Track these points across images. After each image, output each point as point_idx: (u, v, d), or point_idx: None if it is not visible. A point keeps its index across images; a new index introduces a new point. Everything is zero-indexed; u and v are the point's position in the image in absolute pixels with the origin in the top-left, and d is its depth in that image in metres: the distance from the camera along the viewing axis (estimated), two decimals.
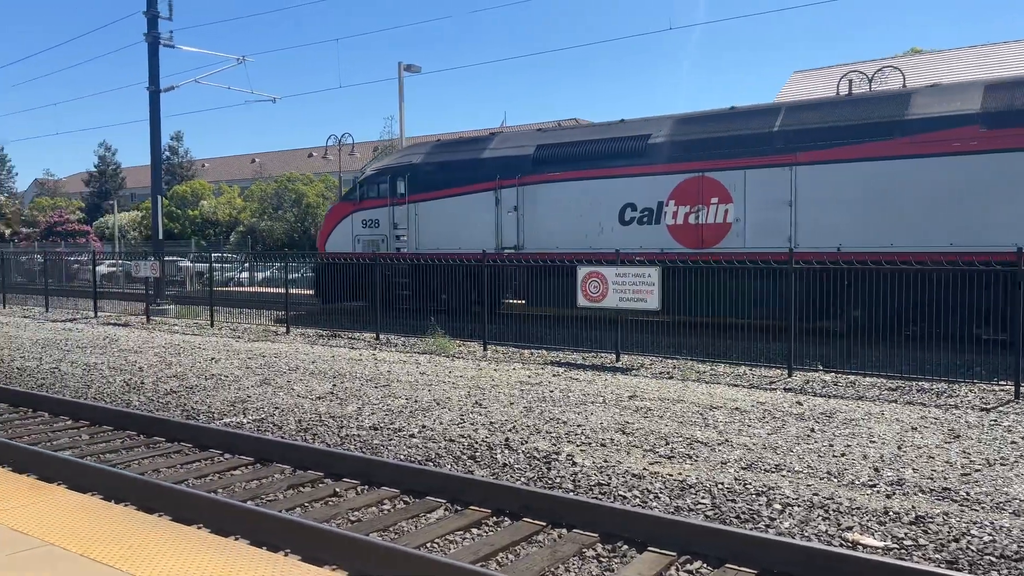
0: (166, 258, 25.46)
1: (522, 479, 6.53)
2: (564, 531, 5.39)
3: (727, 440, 7.53)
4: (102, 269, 27.75)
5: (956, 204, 12.46)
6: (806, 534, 5.23)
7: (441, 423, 8.42)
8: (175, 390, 10.57)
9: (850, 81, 15.94)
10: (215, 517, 5.56)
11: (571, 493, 6.08)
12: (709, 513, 5.66)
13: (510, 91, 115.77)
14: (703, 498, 5.93)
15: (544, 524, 5.49)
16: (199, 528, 5.33)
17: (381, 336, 15.77)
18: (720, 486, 6.16)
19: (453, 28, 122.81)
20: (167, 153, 61.51)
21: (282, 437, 7.97)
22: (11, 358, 13.74)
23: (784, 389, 10.19)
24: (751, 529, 5.26)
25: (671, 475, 6.45)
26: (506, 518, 5.68)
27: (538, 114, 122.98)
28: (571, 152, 16.74)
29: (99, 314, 21.80)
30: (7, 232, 50.14)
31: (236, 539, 5.13)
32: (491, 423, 8.36)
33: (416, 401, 9.57)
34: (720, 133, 14.97)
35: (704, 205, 14.79)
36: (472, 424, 8.34)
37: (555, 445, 7.46)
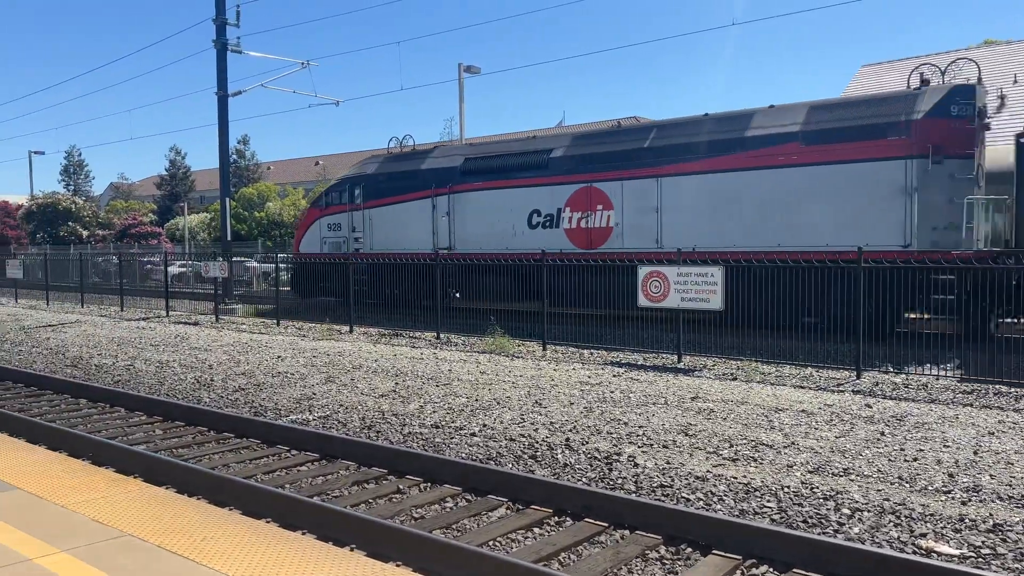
0: (234, 259, 26.16)
1: (583, 479, 6.52)
2: (627, 532, 5.36)
3: (793, 443, 7.38)
4: (173, 270, 28.82)
5: (783, 210, 14.44)
6: (877, 540, 5.09)
7: (502, 422, 8.45)
8: (243, 387, 10.86)
9: (921, 74, 15.39)
10: (283, 512, 5.69)
11: (633, 494, 6.04)
12: (775, 517, 5.55)
13: (570, 90, 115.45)
14: (769, 501, 5.82)
15: (606, 525, 5.47)
16: (268, 522, 5.47)
17: (441, 335, 15.92)
18: (786, 489, 6.04)
19: (513, 29, 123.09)
20: (234, 156, 63.06)
21: (346, 434, 8.11)
22: (90, 355, 14.31)
23: (852, 391, 9.93)
24: (819, 534, 5.15)
25: (735, 478, 6.35)
26: (568, 518, 5.67)
27: (598, 112, 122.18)
28: (491, 164, 19.01)
29: (170, 313, 22.54)
30: (85, 234, 52.18)
31: (303, 533, 5.25)
32: (551, 423, 8.36)
33: (477, 400, 9.63)
34: (605, 149, 17.18)
35: (592, 211, 17.03)
36: (532, 424, 8.36)
37: (616, 446, 7.42)
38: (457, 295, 19.32)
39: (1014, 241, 13.54)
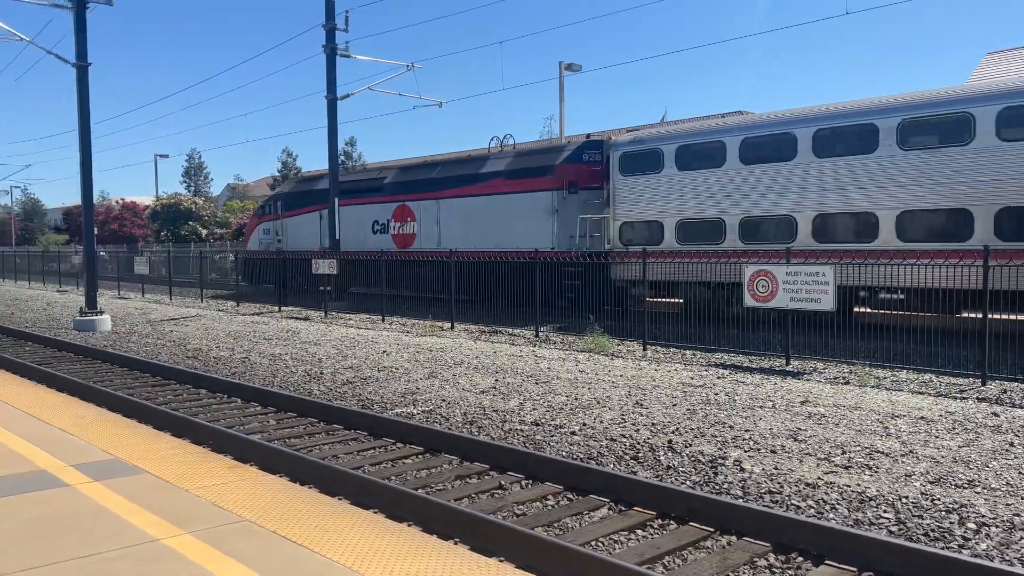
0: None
1: (687, 483, 6.39)
2: (734, 538, 5.22)
3: (911, 451, 7.01)
4: None
5: (499, 223, 21.05)
6: (1007, 558, 4.78)
7: (602, 422, 8.40)
8: (351, 381, 11.20)
9: None
10: (389, 503, 5.84)
11: (740, 500, 5.88)
12: (893, 528, 5.29)
13: (673, 85, 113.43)
14: (885, 512, 5.56)
15: (712, 530, 5.34)
16: (375, 512, 5.60)
17: (540, 333, 15.95)
18: (904, 500, 5.75)
19: (614, 26, 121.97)
20: (342, 158, 64.95)
21: (449, 428, 8.24)
22: (208, 348, 15.08)
23: (977, 399, 9.36)
24: (942, 548, 4.87)
25: (848, 486, 6.09)
26: (671, 521, 5.57)
27: (701, 107, 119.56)
28: (352, 187, 26.17)
29: (282, 308, 23.49)
30: (204, 233, 54.98)
31: (408, 525, 5.36)
32: (653, 424, 8.24)
33: (576, 399, 9.60)
34: (414, 178, 24.52)
35: (405, 222, 24.26)
36: (633, 424, 8.26)
37: (721, 449, 7.25)
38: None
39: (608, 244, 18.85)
